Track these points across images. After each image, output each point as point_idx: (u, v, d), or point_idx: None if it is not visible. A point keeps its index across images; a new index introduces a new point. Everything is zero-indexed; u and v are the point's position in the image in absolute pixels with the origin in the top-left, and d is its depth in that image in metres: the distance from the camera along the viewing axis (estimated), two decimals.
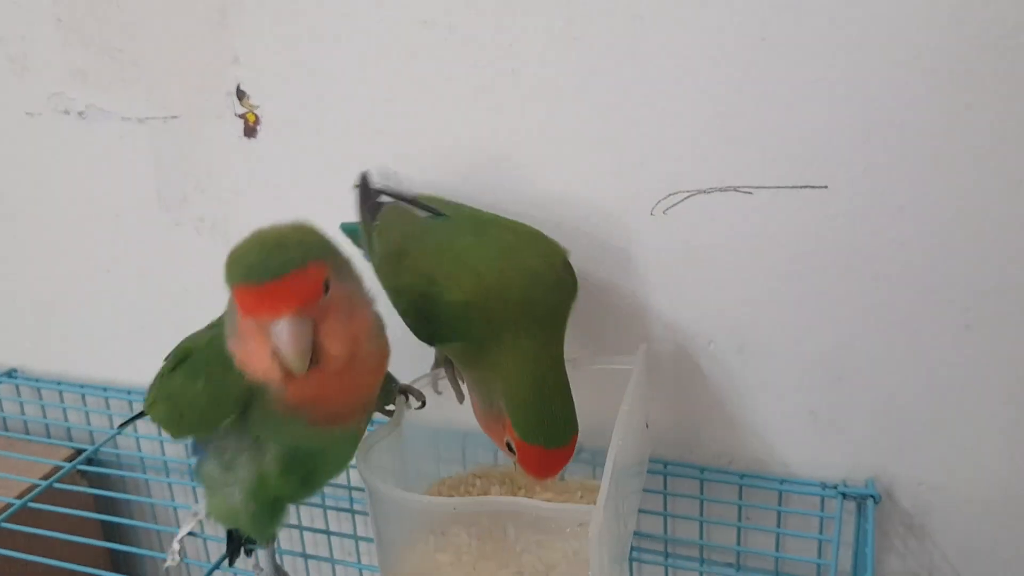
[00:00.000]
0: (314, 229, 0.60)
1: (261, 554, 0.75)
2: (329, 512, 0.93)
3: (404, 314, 0.74)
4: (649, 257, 0.82)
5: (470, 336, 0.69)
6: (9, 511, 0.88)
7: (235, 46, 0.89)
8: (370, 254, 0.81)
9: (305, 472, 0.67)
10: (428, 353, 0.80)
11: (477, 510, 0.69)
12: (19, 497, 0.92)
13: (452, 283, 0.70)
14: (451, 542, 0.71)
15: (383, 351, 0.66)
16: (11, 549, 0.84)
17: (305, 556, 0.82)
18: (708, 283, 0.81)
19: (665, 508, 0.86)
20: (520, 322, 0.68)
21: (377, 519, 0.70)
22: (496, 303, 0.68)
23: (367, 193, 0.83)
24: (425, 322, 0.72)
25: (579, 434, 0.68)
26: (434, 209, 0.79)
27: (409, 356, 0.76)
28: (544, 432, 0.66)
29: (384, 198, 0.83)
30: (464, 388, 0.77)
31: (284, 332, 0.54)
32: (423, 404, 0.78)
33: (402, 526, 0.71)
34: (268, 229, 0.59)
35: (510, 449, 0.67)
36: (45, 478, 0.96)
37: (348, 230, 0.85)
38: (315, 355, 0.56)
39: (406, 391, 0.78)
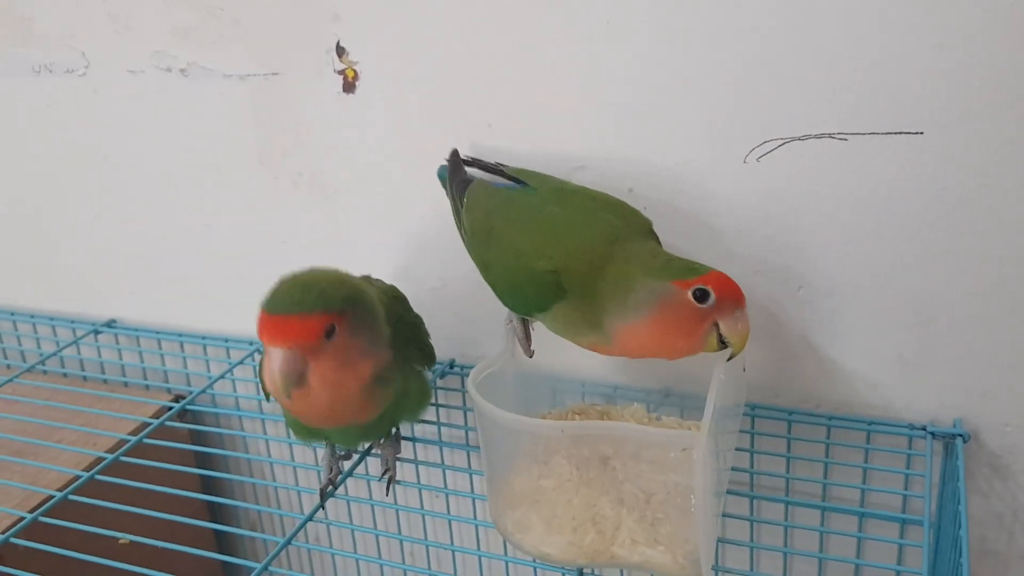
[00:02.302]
0: (345, 281, 0.70)
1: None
2: (444, 449, 0.97)
3: (494, 286, 0.79)
4: (741, 204, 0.84)
5: (569, 296, 0.72)
6: (124, 448, 0.93)
7: (335, 3, 0.92)
8: (460, 229, 0.85)
9: (320, 435, 0.80)
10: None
11: (585, 433, 0.73)
12: (115, 448, 0.96)
13: (538, 253, 0.73)
14: (554, 471, 0.75)
15: (377, 399, 0.74)
16: (120, 484, 0.88)
17: (420, 487, 0.87)
18: (799, 229, 0.83)
19: (752, 445, 0.89)
20: (616, 250, 0.71)
21: (487, 445, 0.74)
22: (583, 263, 0.71)
23: (456, 169, 0.87)
24: (517, 293, 0.76)
25: (671, 378, 0.71)
26: (518, 179, 0.82)
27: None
28: (703, 268, 0.69)
29: (472, 172, 0.87)
30: (533, 345, 0.82)
31: (276, 360, 0.65)
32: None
33: (508, 451, 0.75)
34: (307, 273, 0.70)
35: (702, 296, 0.67)
36: (137, 430, 1.00)
37: (442, 176, 0.89)
38: (303, 385, 0.67)
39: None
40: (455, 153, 0.89)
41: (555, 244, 0.73)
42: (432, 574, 0.76)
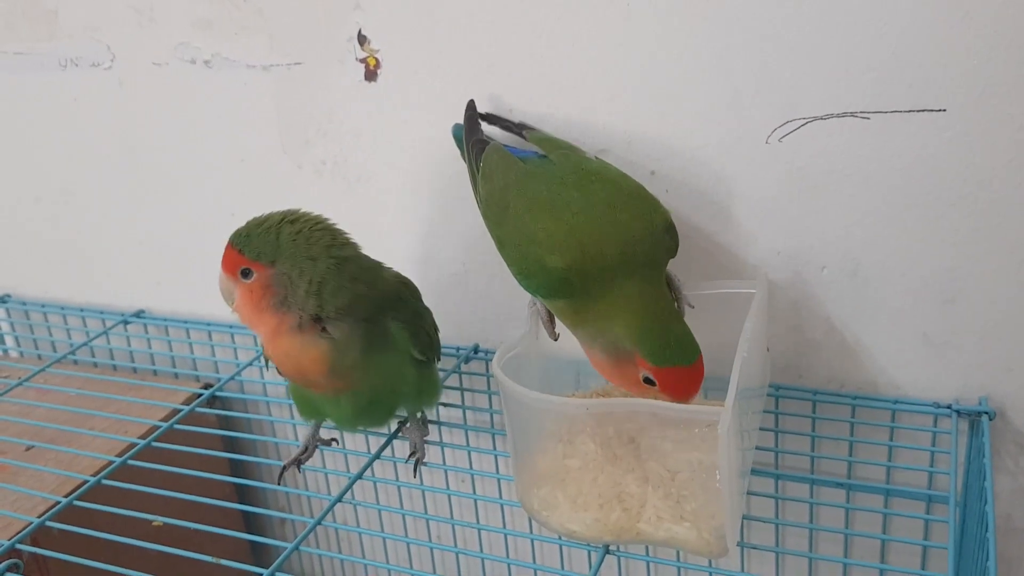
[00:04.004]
0: (294, 237, 0.76)
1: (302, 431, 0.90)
2: (469, 432, 0.98)
3: (508, 264, 0.79)
4: (764, 185, 0.84)
5: (574, 295, 0.73)
6: (156, 434, 0.94)
7: None
8: (475, 194, 0.85)
9: (316, 409, 0.85)
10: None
11: (609, 411, 0.73)
12: (146, 435, 0.97)
13: (553, 244, 0.73)
14: (578, 450, 0.76)
15: (321, 361, 0.76)
16: (153, 469, 0.89)
17: (445, 468, 0.88)
18: (822, 209, 0.83)
19: (777, 426, 0.89)
20: (623, 274, 0.71)
21: (512, 425, 0.75)
22: (594, 267, 0.71)
23: (472, 127, 0.87)
24: (528, 279, 0.76)
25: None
26: (537, 151, 0.82)
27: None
28: (678, 352, 0.70)
29: (488, 131, 0.87)
30: (557, 328, 0.81)
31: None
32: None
33: (533, 431, 0.76)
34: (279, 216, 0.78)
35: (648, 383, 0.70)
36: (167, 417, 1.01)
37: (458, 136, 0.89)
38: (232, 303, 0.78)
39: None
40: (471, 106, 0.88)
41: (570, 240, 0.73)
42: (459, 552, 0.77)
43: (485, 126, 0.89)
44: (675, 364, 0.69)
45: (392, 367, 0.80)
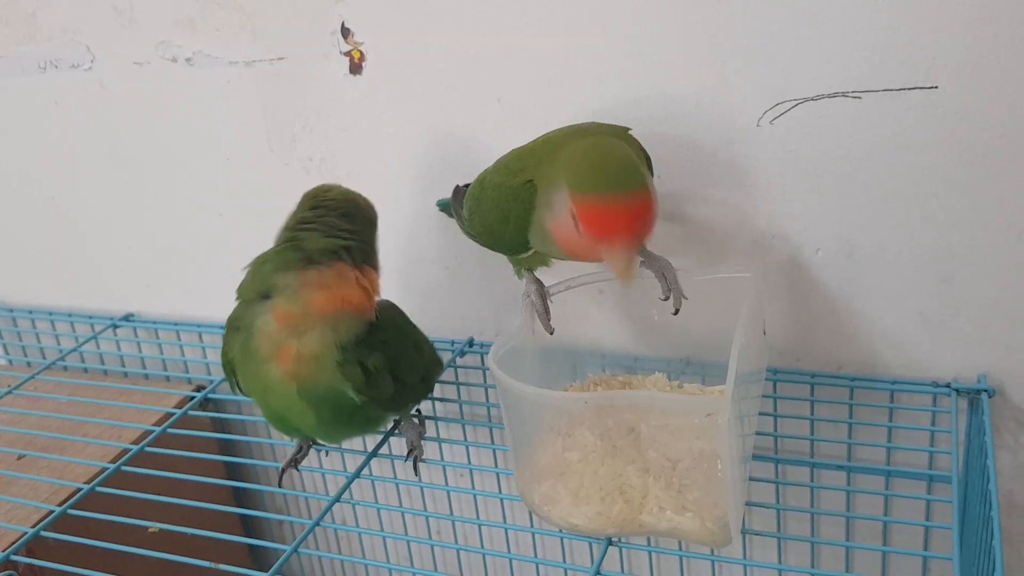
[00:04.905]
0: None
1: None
2: (467, 426, 0.98)
3: (487, 228, 0.79)
4: (756, 168, 0.84)
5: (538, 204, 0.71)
6: (149, 439, 0.93)
7: None
8: (465, 229, 0.86)
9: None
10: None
11: (607, 403, 0.73)
12: (140, 440, 0.96)
13: (517, 168, 0.74)
14: (577, 442, 0.75)
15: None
16: (147, 473, 0.88)
17: (443, 464, 0.87)
18: (816, 191, 0.83)
19: (775, 410, 0.89)
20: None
21: (510, 420, 0.74)
22: (558, 151, 0.70)
23: (457, 194, 0.88)
24: (506, 223, 0.75)
25: (691, 347, 0.70)
26: None
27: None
28: (604, 178, 0.62)
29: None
30: (553, 321, 0.80)
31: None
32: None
33: (532, 425, 0.75)
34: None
35: (574, 220, 0.62)
36: (160, 421, 1.00)
37: (443, 205, 0.91)
38: None
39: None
40: (457, 188, 0.89)
41: (533, 155, 0.74)
42: (459, 548, 0.76)
43: None
44: (597, 191, 0.61)
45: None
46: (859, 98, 0.78)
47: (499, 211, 0.77)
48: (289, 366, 0.73)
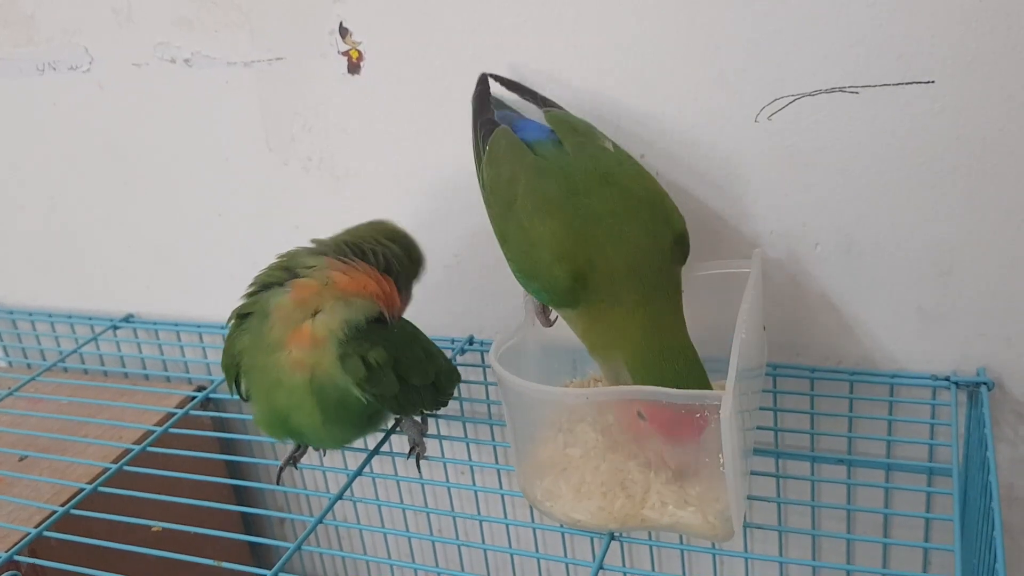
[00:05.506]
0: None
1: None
2: (468, 424, 0.98)
3: (508, 261, 0.76)
4: (755, 164, 0.84)
5: (576, 305, 0.71)
6: (150, 439, 0.93)
7: None
8: (478, 173, 0.81)
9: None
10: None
11: (608, 399, 0.72)
12: (141, 440, 0.96)
13: (560, 251, 0.70)
14: (579, 438, 0.75)
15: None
16: (149, 474, 0.88)
17: (444, 461, 0.87)
18: (814, 186, 0.83)
19: (775, 404, 0.89)
20: (629, 291, 0.68)
21: (512, 417, 0.74)
22: (602, 279, 0.69)
23: (483, 105, 0.84)
24: (531, 281, 0.74)
25: (695, 345, 0.70)
26: (551, 133, 0.79)
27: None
28: (669, 380, 0.66)
29: (505, 96, 0.85)
30: (552, 315, 0.80)
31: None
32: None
33: (533, 421, 0.76)
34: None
35: (641, 418, 0.67)
36: (161, 421, 1.00)
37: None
38: None
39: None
40: (483, 80, 0.85)
41: (578, 249, 0.70)
42: (461, 544, 0.76)
43: (503, 90, 0.87)
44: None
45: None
46: (857, 93, 0.78)
47: (519, 265, 0.74)
48: (304, 350, 0.73)
